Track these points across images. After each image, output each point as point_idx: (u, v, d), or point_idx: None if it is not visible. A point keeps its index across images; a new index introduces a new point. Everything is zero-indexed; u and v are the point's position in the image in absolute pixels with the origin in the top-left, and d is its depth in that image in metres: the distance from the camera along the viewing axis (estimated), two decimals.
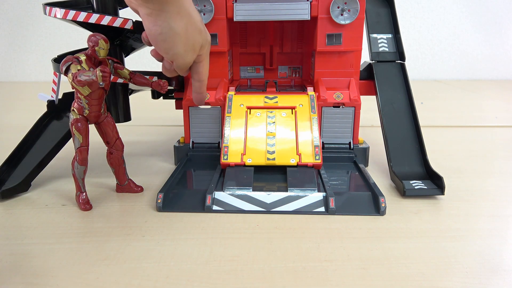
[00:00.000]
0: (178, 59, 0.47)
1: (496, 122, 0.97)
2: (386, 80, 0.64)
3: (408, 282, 0.36)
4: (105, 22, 0.53)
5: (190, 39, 0.46)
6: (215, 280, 0.37)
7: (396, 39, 0.66)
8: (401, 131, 0.60)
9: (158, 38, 0.44)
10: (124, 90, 0.62)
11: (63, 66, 0.47)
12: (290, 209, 0.50)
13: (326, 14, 0.60)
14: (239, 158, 0.56)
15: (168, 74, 0.50)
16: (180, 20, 0.44)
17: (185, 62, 0.48)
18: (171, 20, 0.43)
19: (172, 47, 0.45)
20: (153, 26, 0.43)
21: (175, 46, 0.45)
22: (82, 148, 0.49)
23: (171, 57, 0.47)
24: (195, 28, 0.46)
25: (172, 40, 0.44)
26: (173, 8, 0.42)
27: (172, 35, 0.44)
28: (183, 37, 0.45)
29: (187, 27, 0.45)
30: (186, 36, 0.45)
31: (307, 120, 0.58)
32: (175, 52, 0.46)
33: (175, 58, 0.47)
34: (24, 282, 0.37)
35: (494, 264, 0.39)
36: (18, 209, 0.51)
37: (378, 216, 0.49)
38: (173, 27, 0.43)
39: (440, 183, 0.53)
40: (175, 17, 0.43)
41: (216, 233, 0.45)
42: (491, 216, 0.49)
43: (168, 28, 0.43)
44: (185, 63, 0.48)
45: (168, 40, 0.44)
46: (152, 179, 0.60)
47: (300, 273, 0.38)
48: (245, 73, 0.75)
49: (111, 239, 0.44)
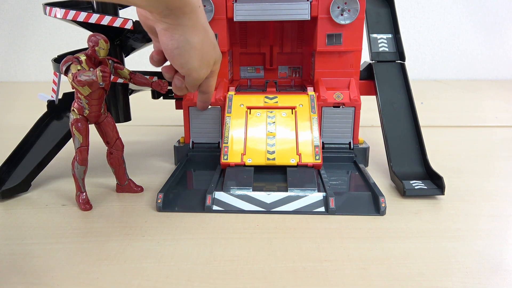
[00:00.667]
0: (193, 74, 0.47)
1: (496, 122, 0.97)
2: (386, 80, 0.64)
3: (408, 282, 0.36)
4: (105, 22, 0.53)
5: (205, 54, 0.46)
6: (215, 280, 0.37)
7: (396, 39, 0.66)
8: (401, 131, 0.60)
9: (174, 53, 0.45)
10: (124, 90, 0.62)
11: (63, 66, 0.47)
12: (290, 209, 0.50)
13: (326, 14, 0.60)
14: (239, 158, 0.56)
15: (178, 92, 0.51)
16: (197, 35, 0.44)
17: (199, 77, 0.48)
18: (188, 34, 0.43)
19: (188, 62, 0.46)
20: (170, 40, 0.44)
21: (191, 60, 0.45)
22: (82, 148, 0.50)
23: (186, 72, 0.47)
24: (210, 43, 0.47)
25: (188, 54, 0.45)
26: (190, 22, 0.43)
27: (188, 50, 0.44)
28: (199, 51, 0.45)
29: (203, 42, 0.45)
30: (202, 51, 0.46)
31: (307, 120, 0.58)
32: (190, 67, 0.46)
33: (190, 73, 0.47)
34: (24, 282, 0.37)
35: (494, 264, 0.39)
36: (18, 209, 0.51)
37: (378, 216, 0.49)
38: (189, 41, 0.44)
39: (440, 183, 0.53)
40: (192, 31, 0.43)
41: (216, 233, 0.45)
42: (491, 216, 0.49)
43: (185, 42, 0.44)
44: (199, 78, 0.48)
45: (184, 55, 0.45)
46: (152, 179, 0.60)
47: (300, 273, 0.38)
48: (245, 73, 0.75)
49: (111, 239, 0.44)
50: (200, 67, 0.47)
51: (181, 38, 0.43)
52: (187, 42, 0.44)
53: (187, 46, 0.44)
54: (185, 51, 0.44)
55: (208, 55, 0.47)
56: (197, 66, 0.46)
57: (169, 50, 0.45)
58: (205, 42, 0.45)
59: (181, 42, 0.44)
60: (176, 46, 0.44)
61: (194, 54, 0.45)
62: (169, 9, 0.41)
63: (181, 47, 0.44)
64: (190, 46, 0.44)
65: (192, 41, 0.44)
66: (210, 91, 0.53)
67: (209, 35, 0.46)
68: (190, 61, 0.46)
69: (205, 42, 0.45)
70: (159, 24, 0.43)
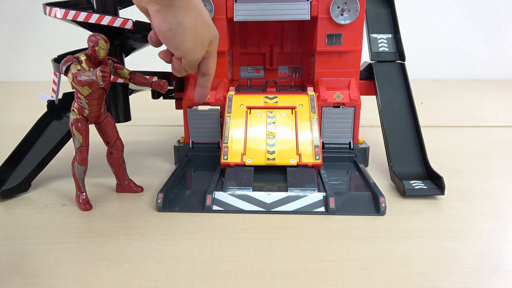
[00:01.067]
0: (188, 55, 0.47)
1: (496, 122, 0.97)
2: (386, 80, 0.64)
3: (408, 282, 0.36)
4: (105, 22, 0.53)
5: (199, 34, 0.46)
6: (215, 280, 0.37)
7: (396, 39, 0.66)
8: (401, 131, 0.60)
9: (167, 35, 0.44)
10: (124, 90, 0.62)
11: (63, 66, 0.47)
12: (290, 209, 0.50)
13: (326, 14, 0.60)
14: (239, 158, 0.56)
15: (177, 74, 0.50)
16: (189, 15, 0.44)
17: (195, 58, 0.48)
18: (180, 16, 0.43)
19: (181, 43, 0.45)
20: (163, 22, 0.43)
21: (184, 41, 0.45)
22: (82, 148, 0.50)
23: (181, 53, 0.47)
24: (204, 23, 0.46)
25: (181, 35, 0.44)
26: (182, 3, 0.43)
27: (181, 31, 0.44)
28: (192, 32, 0.45)
29: (196, 22, 0.45)
30: (195, 31, 0.45)
31: (307, 120, 0.58)
32: (185, 48, 0.46)
33: (185, 54, 0.47)
34: (24, 282, 0.37)
35: (494, 264, 0.39)
36: (18, 209, 0.51)
37: (378, 216, 0.49)
38: (182, 22, 0.44)
39: (440, 183, 0.53)
40: (184, 12, 0.43)
41: (216, 233, 0.45)
42: (491, 216, 0.49)
43: (178, 24, 0.43)
44: (194, 59, 0.48)
45: (177, 36, 0.44)
46: (152, 179, 0.60)
47: (300, 273, 0.38)
48: (245, 73, 0.75)
49: (111, 239, 0.44)
50: (194, 48, 0.46)
51: (173, 20, 0.43)
52: (180, 23, 0.43)
53: (180, 28, 0.44)
54: (178, 32, 0.44)
55: (202, 36, 0.46)
56: (192, 47, 0.46)
57: (162, 32, 0.44)
58: (198, 22, 0.45)
59: (173, 24, 0.43)
60: (168, 28, 0.44)
61: (187, 35, 0.45)
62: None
63: (173, 29, 0.44)
64: (182, 27, 0.44)
65: (184, 22, 0.44)
66: (210, 72, 0.52)
67: (202, 15, 0.46)
68: (184, 43, 0.45)
69: (198, 22, 0.45)
70: (151, 6, 0.43)
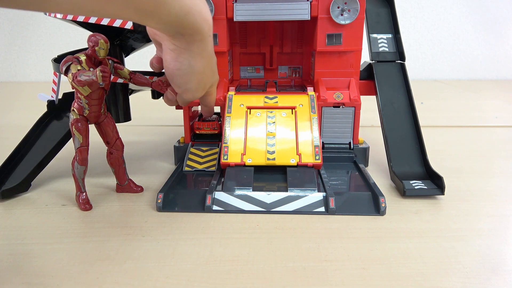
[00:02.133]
0: (188, 94, 0.48)
1: (496, 122, 0.97)
2: (386, 80, 0.64)
3: (408, 282, 0.36)
4: (105, 22, 0.53)
5: (204, 79, 0.47)
6: (215, 280, 0.37)
7: (396, 39, 0.66)
8: (401, 131, 0.60)
9: (175, 73, 0.45)
10: (124, 90, 0.62)
11: (63, 66, 0.47)
12: (290, 209, 0.50)
13: (326, 14, 0.60)
14: (239, 158, 0.56)
15: (168, 103, 0.52)
16: (201, 61, 0.45)
17: (193, 98, 0.49)
18: (192, 60, 0.44)
19: (186, 83, 0.46)
20: (174, 61, 0.44)
21: (189, 82, 0.46)
22: (82, 148, 0.50)
23: (182, 91, 0.48)
24: (211, 70, 0.48)
25: (188, 76, 0.45)
26: (198, 50, 0.43)
27: (189, 72, 0.45)
28: (199, 76, 0.46)
29: (205, 68, 0.46)
30: (202, 76, 0.46)
31: (307, 120, 0.58)
32: (187, 88, 0.47)
33: (185, 92, 0.48)
34: (24, 282, 0.37)
35: (494, 264, 0.39)
36: (18, 209, 0.51)
37: (378, 216, 0.49)
38: (193, 65, 0.44)
39: (440, 183, 0.53)
40: (197, 58, 0.44)
41: (216, 233, 0.45)
42: (491, 216, 0.49)
43: (188, 66, 0.44)
44: (192, 98, 0.49)
45: (184, 76, 0.45)
46: (152, 179, 0.60)
47: (300, 273, 0.38)
48: (245, 73, 0.75)
49: (111, 239, 0.44)
50: (196, 90, 0.48)
51: (185, 62, 0.44)
52: (190, 66, 0.44)
53: (189, 70, 0.45)
54: (186, 73, 0.45)
55: (206, 79, 0.48)
56: (194, 88, 0.47)
57: (170, 69, 0.45)
58: (207, 68, 0.46)
59: (184, 65, 0.44)
60: (178, 68, 0.44)
61: (193, 77, 0.46)
62: (180, 34, 0.41)
63: (183, 69, 0.44)
64: (191, 70, 0.45)
65: (195, 66, 0.44)
66: (210, 105, 0.54)
67: (212, 62, 0.47)
68: (188, 83, 0.46)
69: (207, 68, 0.46)
70: (166, 43, 0.44)
